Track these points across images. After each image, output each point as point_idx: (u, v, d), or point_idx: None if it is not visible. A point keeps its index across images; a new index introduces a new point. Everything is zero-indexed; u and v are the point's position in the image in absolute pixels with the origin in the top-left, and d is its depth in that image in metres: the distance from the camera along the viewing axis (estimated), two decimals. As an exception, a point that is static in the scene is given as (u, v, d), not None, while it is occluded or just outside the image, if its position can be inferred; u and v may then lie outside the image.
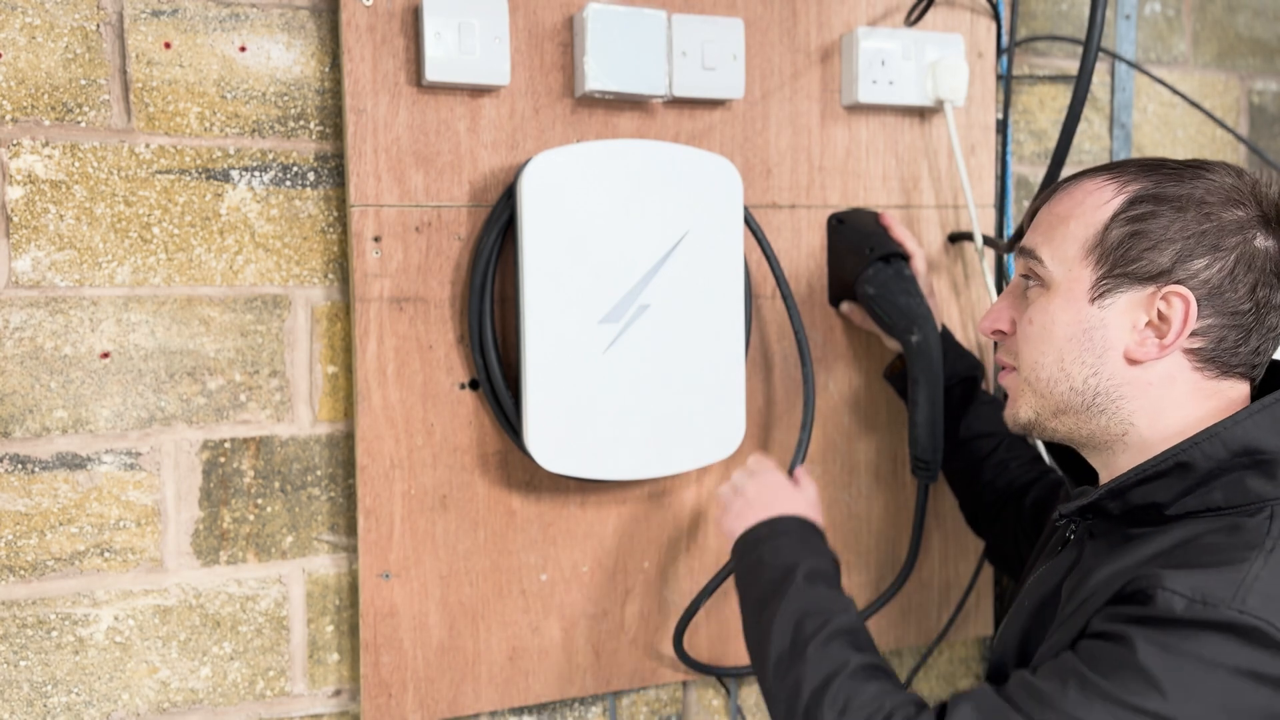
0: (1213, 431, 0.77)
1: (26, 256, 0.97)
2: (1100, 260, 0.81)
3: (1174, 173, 0.81)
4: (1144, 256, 0.79)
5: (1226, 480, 0.77)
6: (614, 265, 1.04)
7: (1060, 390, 0.84)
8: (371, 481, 1.04)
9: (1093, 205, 0.82)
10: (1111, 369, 0.81)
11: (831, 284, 1.21)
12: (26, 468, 0.98)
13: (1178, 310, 0.78)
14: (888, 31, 1.18)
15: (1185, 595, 0.70)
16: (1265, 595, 0.70)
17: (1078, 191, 0.84)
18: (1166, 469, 0.78)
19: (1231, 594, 0.70)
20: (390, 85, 1.02)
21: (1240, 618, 0.69)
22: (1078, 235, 0.82)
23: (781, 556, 0.95)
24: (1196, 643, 0.69)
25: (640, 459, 1.07)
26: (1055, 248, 0.83)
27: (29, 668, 0.99)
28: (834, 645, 0.86)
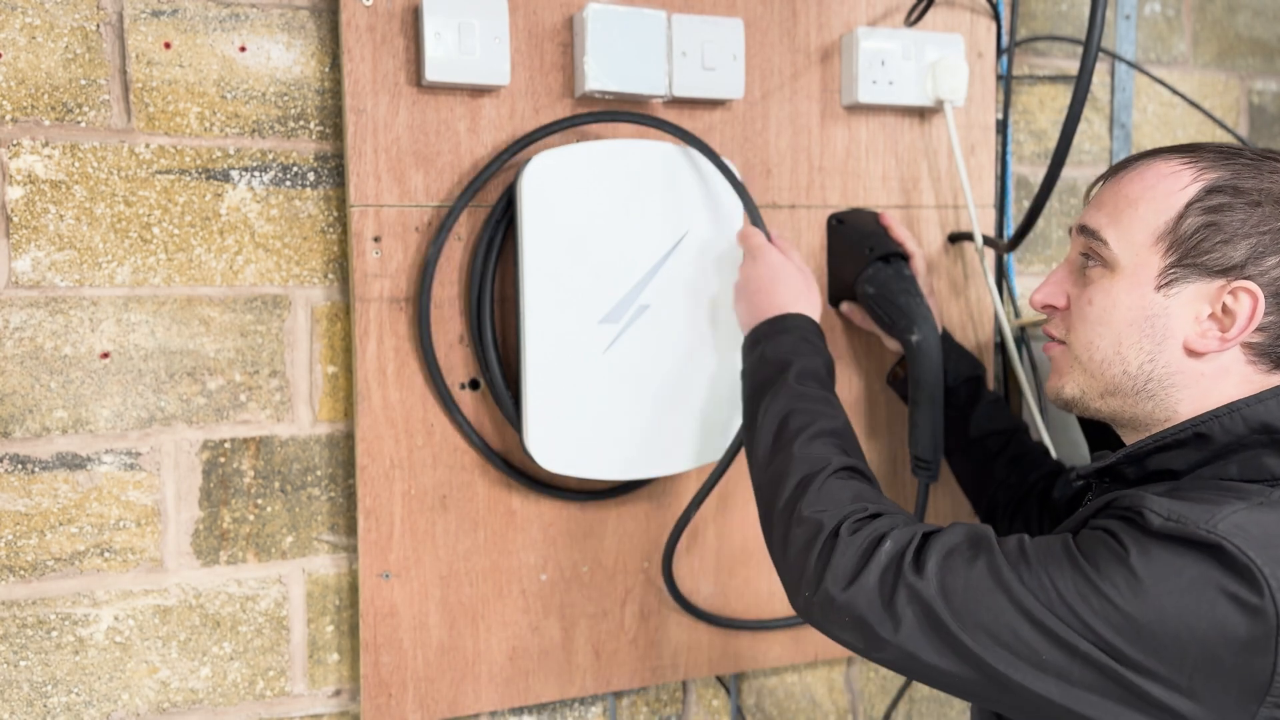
0: (1234, 407, 0.78)
1: (26, 256, 0.97)
2: (1171, 248, 0.80)
3: (1251, 164, 0.80)
4: (1217, 249, 0.79)
5: (1243, 456, 0.78)
6: (614, 265, 1.04)
7: (1113, 373, 0.83)
8: (371, 481, 1.04)
9: (1166, 190, 0.81)
10: (1169, 357, 0.81)
11: (831, 284, 1.21)
12: (26, 468, 0.98)
13: (1245, 306, 0.78)
14: (888, 31, 1.18)
15: (1161, 514, 0.72)
16: (1235, 524, 0.71)
17: (1149, 174, 0.83)
18: (1185, 438, 0.79)
19: (1204, 518, 0.71)
20: (390, 85, 1.02)
21: (1207, 536, 0.70)
22: (1149, 220, 0.81)
23: (779, 352, 0.96)
24: (1169, 553, 0.71)
25: (640, 459, 1.07)
26: (1123, 230, 0.82)
27: (29, 668, 0.99)
28: (817, 444, 0.88)
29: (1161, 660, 0.70)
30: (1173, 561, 0.71)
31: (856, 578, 0.79)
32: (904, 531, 0.80)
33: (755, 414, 0.95)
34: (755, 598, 1.20)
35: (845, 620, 0.79)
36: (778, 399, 0.93)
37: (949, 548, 0.78)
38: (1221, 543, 0.70)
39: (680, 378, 1.08)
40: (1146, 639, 0.70)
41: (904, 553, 0.78)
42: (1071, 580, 0.72)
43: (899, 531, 0.80)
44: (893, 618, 0.77)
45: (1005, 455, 1.15)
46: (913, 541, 0.79)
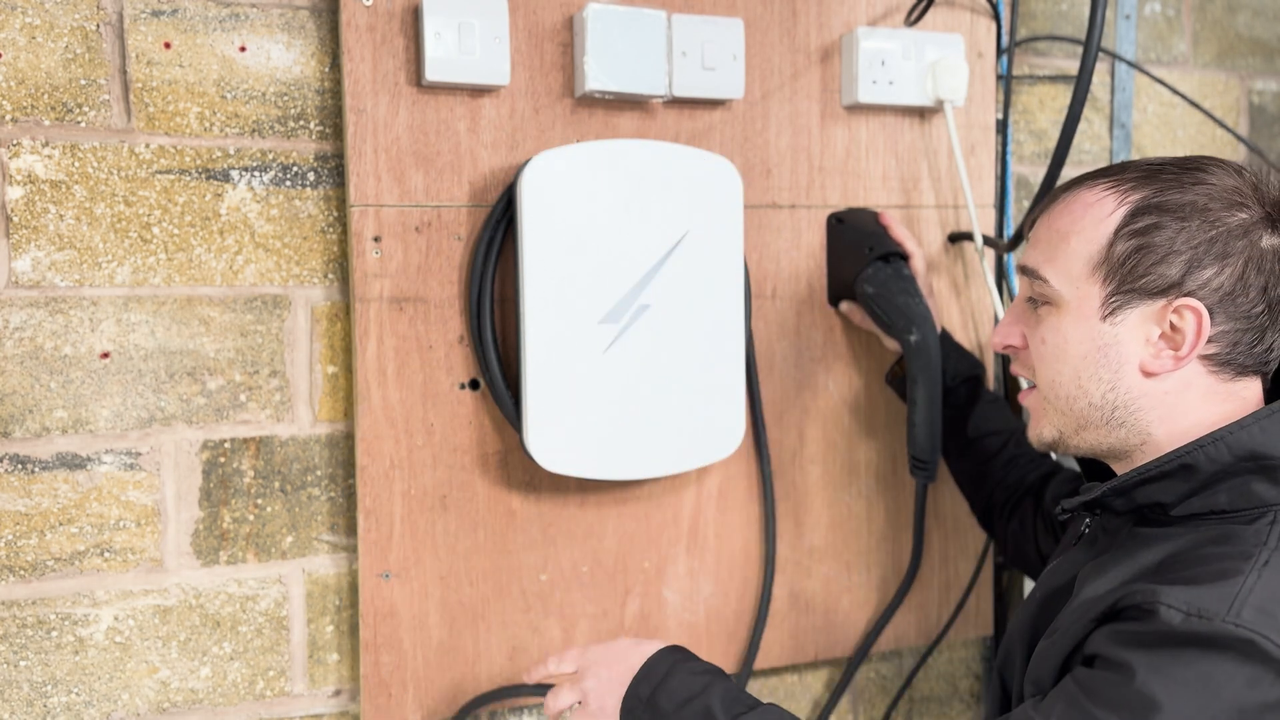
0: (1218, 435, 0.77)
1: (26, 256, 0.97)
2: (1108, 277, 0.80)
3: (1174, 178, 0.80)
4: (1152, 271, 0.78)
5: (1231, 484, 0.77)
6: (614, 265, 1.04)
7: (1080, 406, 0.83)
8: (371, 481, 1.04)
9: (1094, 219, 0.81)
10: (1129, 383, 0.81)
11: (831, 283, 1.21)
12: (26, 468, 0.98)
13: (1190, 323, 0.78)
14: (888, 31, 1.18)
15: (1181, 610, 0.70)
16: (1258, 608, 0.69)
17: (1075, 204, 0.83)
18: (1171, 470, 0.78)
19: (1226, 607, 0.69)
20: (390, 85, 1.02)
21: (1235, 630, 0.68)
22: (1081, 252, 0.81)
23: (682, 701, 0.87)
24: (1193, 658, 0.69)
25: (640, 459, 1.07)
26: (1059, 266, 0.82)
27: (29, 668, 0.99)
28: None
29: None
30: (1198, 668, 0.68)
31: None
32: None
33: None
34: (755, 598, 1.20)
35: None
36: None
37: None
38: (1254, 638, 0.68)
39: (680, 378, 1.08)
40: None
41: None
42: None
43: None
44: None
45: (1003, 455, 1.15)
46: None
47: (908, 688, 1.31)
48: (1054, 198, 0.86)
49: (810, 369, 1.21)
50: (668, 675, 0.89)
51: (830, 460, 1.23)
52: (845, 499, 1.24)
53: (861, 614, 1.26)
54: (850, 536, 1.25)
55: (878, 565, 1.26)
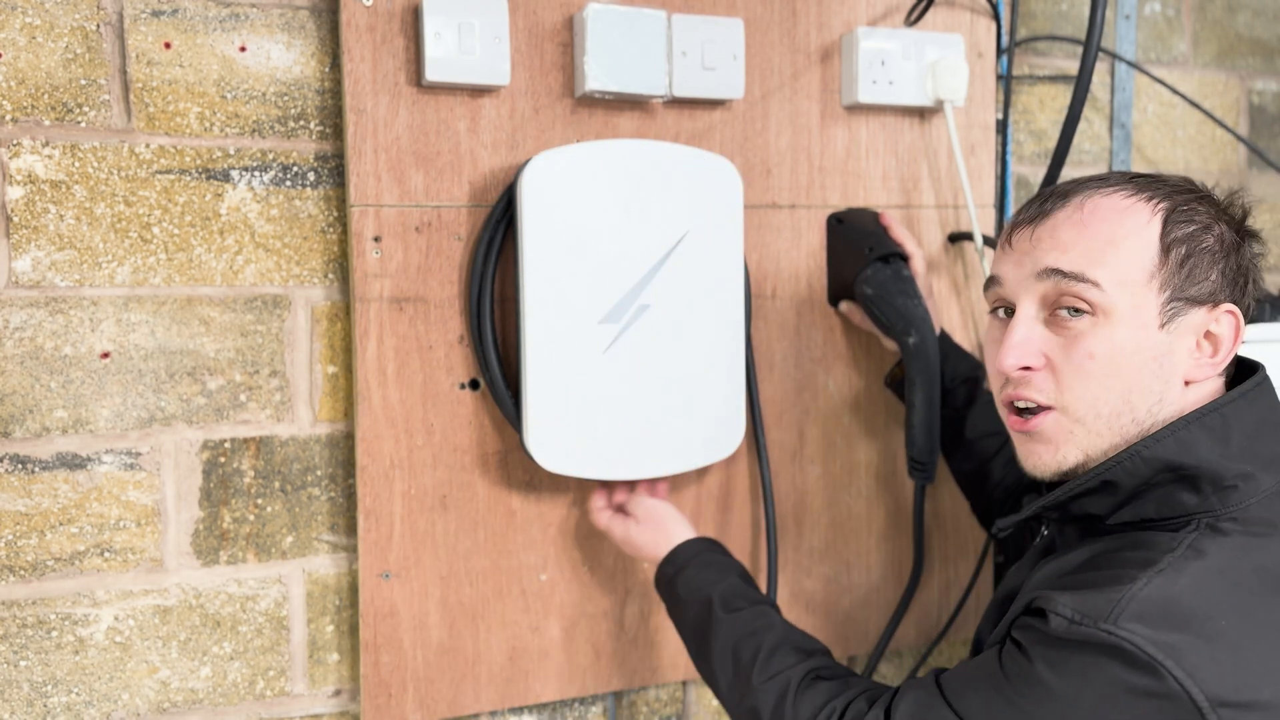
0: (1134, 450, 0.77)
1: (26, 256, 0.97)
2: (1165, 284, 0.77)
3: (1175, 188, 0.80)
4: (1202, 277, 0.78)
5: (1158, 494, 0.77)
6: (614, 265, 1.04)
7: (1122, 424, 0.79)
8: (371, 481, 1.04)
9: (1136, 225, 0.78)
10: (1173, 394, 0.79)
11: (831, 284, 1.21)
12: (26, 468, 0.98)
13: (1228, 328, 0.78)
14: (888, 31, 1.18)
15: (1065, 616, 0.72)
16: (1137, 614, 0.70)
17: (1105, 209, 0.79)
18: (1094, 486, 0.78)
19: (1106, 613, 0.71)
20: (390, 85, 1.02)
21: (1108, 638, 0.70)
22: (1136, 258, 0.77)
23: (691, 590, 0.98)
24: (1075, 659, 0.72)
25: (640, 459, 1.07)
26: (1112, 271, 0.77)
27: (29, 668, 0.99)
28: (774, 662, 0.89)
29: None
30: (1081, 669, 0.71)
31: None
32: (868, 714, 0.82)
33: (707, 658, 0.95)
34: (755, 598, 1.20)
35: None
36: (718, 637, 0.93)
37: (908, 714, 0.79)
38: (1120, 644, 0.69)
39: (680, 378, 1.08)
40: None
41: None
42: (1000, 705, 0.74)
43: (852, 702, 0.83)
44: None
45: (1002, 456, 1.15)
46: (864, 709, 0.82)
47: (908, 688, 1.31)
48: (1056, 203, 0.81)
49: (810, 369, 1.21)
50: (687, 565, 1.00)
51: (830, 460, 1.23)
52: (845, 499, 1.24)
53: (862, 614, 1.26)
54: (850, 536, 1.25)
55: (878, 565, 1.26)
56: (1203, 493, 0.76)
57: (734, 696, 0.91)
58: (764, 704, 0.87)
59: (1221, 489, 0.76)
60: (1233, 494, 0.76)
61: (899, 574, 1.27)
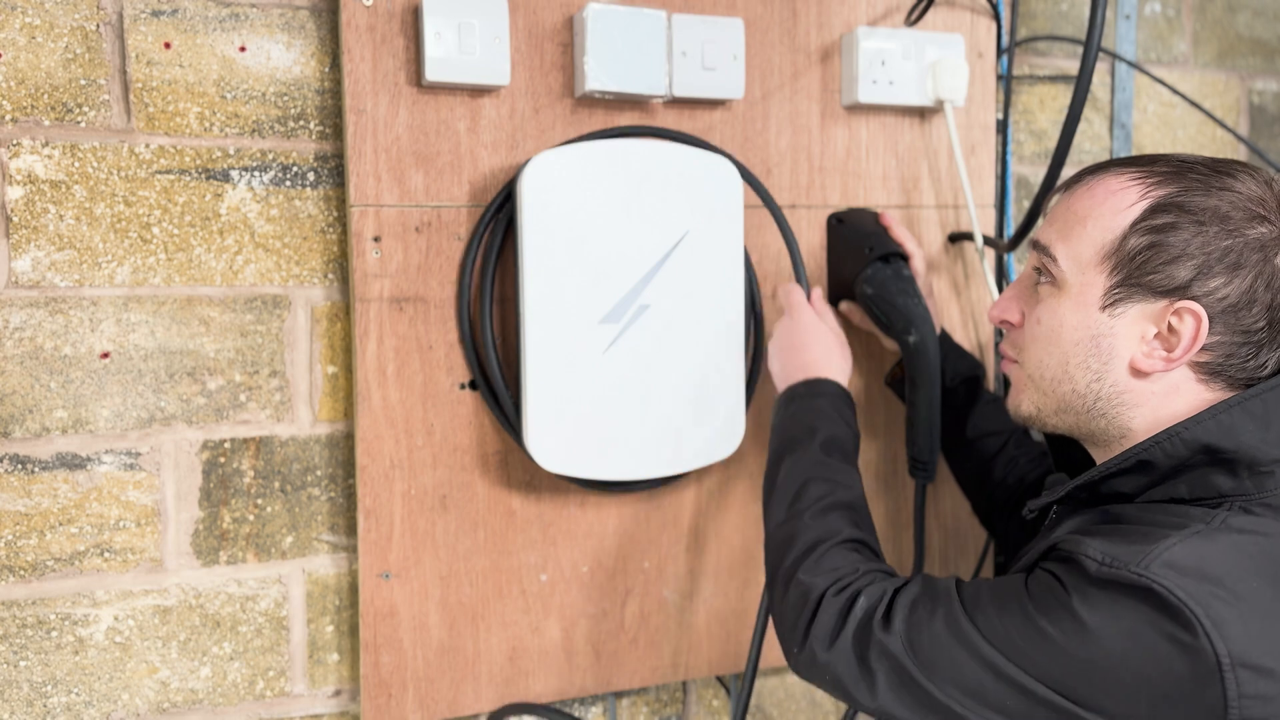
0: (1174, 431, 0.78)
1: (26, 256, 0.97)
2: (1116, 268, 0.80)
3: (1201, 180, 0.79)
4: (1161, 270, 0.78)
5: (1191, 476, 0.78)
6: (614, 265, 1.04)
7: (1063, 391, 0.84)
8: (371, 481, 1.04)
9: (1113, 208, 0.80)
10: (1115, 376, 0.81)
11: (830, 283, 1.21)
12: (26, 468, 0.98)
13: (1188, 327, 0.78)
14: (888, 31, 1.18)
15: (1096, 559, 0.73)
16: (1167, 564, 0.71)
17: (1099, 189, 0.82)
18: (1129, 466, 0.79)
19: (1137, 559, 0.71)
20: (390, 85, 1.02)
21: (1139, 579, 0.70)
22: (1095, 238, 0.81)
23: (808, 417, 0.98)
24: (1107, 598, 0.72)
25: (640, 459, 1.07)
26: (1070, 248, 0.82)
27: (29, 668, 0.99)
28: (831, 516, 0.91)
29: (1116, 701, 0.71)
30: (1112, 607, 0.72)
31: (836, 638, 0.82)
32: (875, 588, 0.83)
33: (776, 473, 0.97)
34: (756, 598, 1.20)
35: (827, 679, 0.83)
36: (800, 463, 0.95)
37: (911, 601, 0.80)
38: (1153, 586, 0.70)
39: (680, 378, 1.08)
40: (1098, 681, 0.71)
41: (875, 609, 0.81)
42: (1024, 626, 0.74)
43: (872, 588, 0.83)
44: (867, 676, 0.80)
45: (1003, 455, 1.15)
46: (883, 598, 0.82)
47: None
48: (1079, 178, 0.85)
49: (810, 369, 1.21)
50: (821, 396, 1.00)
51: (830, 460, 1.23)
52: (845, 499, 1.24)
53: (861, 614, 1.26)
54: (850, 536, 1.25)
55: (878, 565, 1.26)
56: (1239, 476, 0.77)
57: (779, 521, 0.93)
58: (800, 539, 0.89)
59: (1258, 474, 0.76)
60: (1269, 480, 0.77)
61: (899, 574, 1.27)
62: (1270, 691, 0.69)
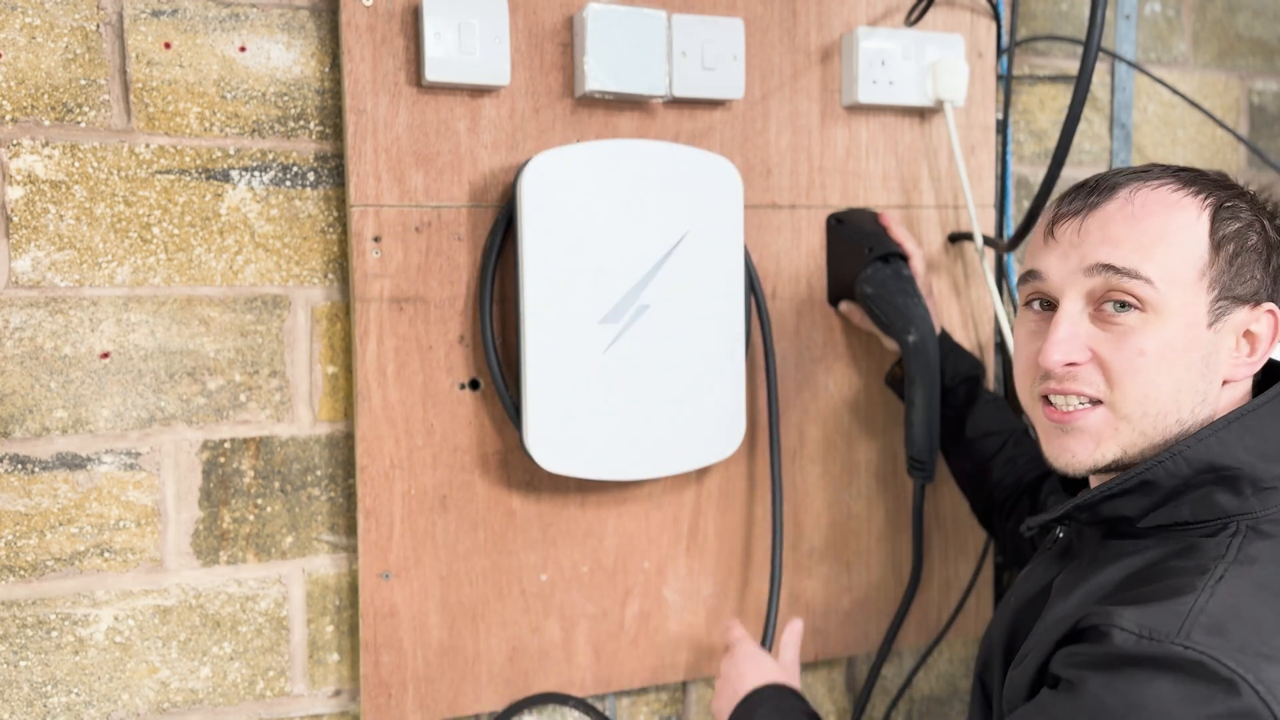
0: (1176, 450, 0.75)
1: (26, 256, 0.97)
2: (1214, 282, 0.76)
3: (1217, 183, 0.79)
4: (1247, 277, 0.77)
5: (1194, 496, 0.76)
6: (614, 265, 1.04)
7: (1168, 423, 0.77)
8: (371, 481, 1.04)
9: (1185, 221, 0.76)
10: (1216, 393, 0.78)
11: (830, 283, 1.21)
12: (26, 468, 0.98)
13: (1267, 327, 0.77)
14: (888, 31, 1.18)
15: (1133, 632, 0.68)
16: (1208, 628, 0.67)
17: (1154, 203, 0.77)
18: (1132, 486, 0.76)
19: (1176, 628, 0.67)
20: (390, 85, 1.02)
21: (1184, 653, 0.66)
22: (1183, 255, 0.76)
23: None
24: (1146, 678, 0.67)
25: (640, 459, 1.07)
26: (1163, 267, 0.75)
27: (29, 668, 0.99)
28: None
29: None
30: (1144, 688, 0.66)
31: None
32: None
33: None
34: (756, 598, 1.20)
35: None
36: None
37: None
38: (1203, 659, 0.66)
39: (680, 378, 1.08)
40: None
41: None
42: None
43: None
44: None
45: (1002, 455, 1.15)
46: None
47: (908, 688, 1.31)
48: (1104, 195, 0.78)
49: (810, 369, 1.21)
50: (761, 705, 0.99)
51: (830, 460, 1.23)
52: (845, 499, 1.24)
53: (861, 614, 1.26)
54: (850, 536, 1.25)
55: (878, 565, 1.26)
56: (1243, 494, 0.75)
57: None
58: None
59: (1261, 490, 0.75)
60: (1273, 495, 0.75)
61: (899, 574, 1.27)
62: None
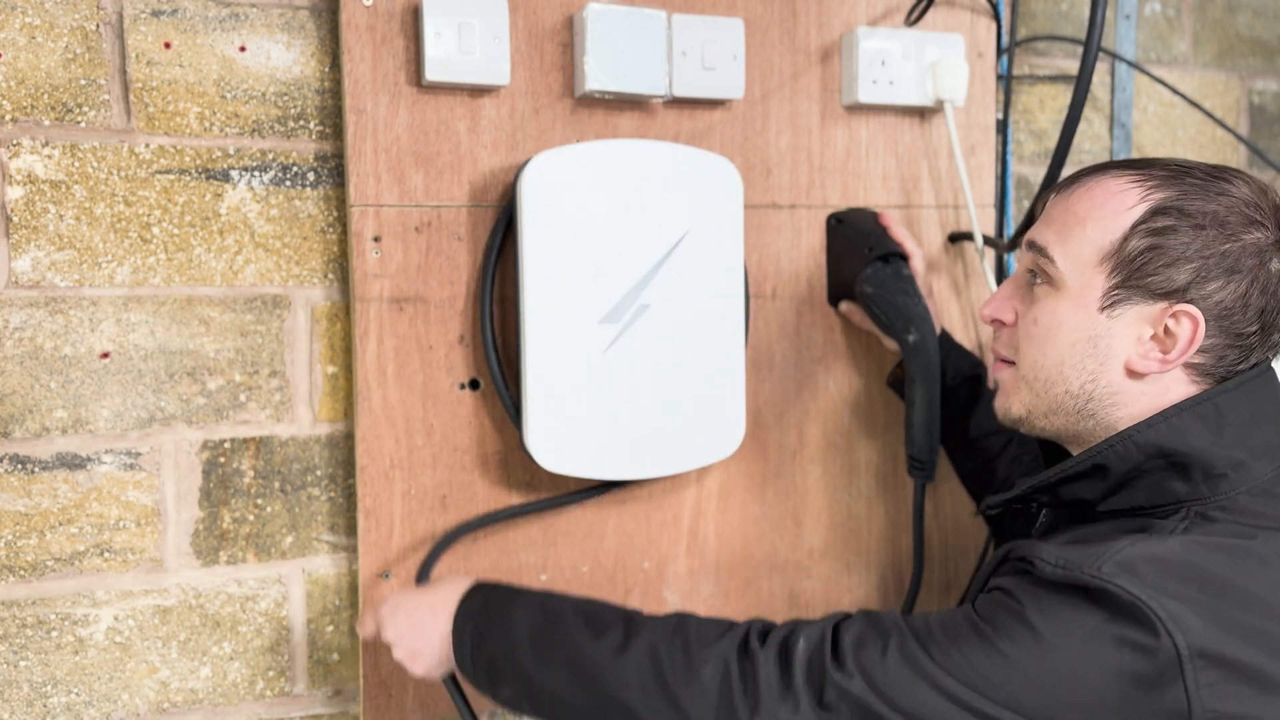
0: (1126, 434, 0.79)
1: (26, 256, 0.97)
2: (1115, 269, 0.80)
3: (1199, 184, 0.80)
4: (1160, 272, 0.78)
5: (1148, 481, 0.79)
6: (614, 265, 1.04)
7: (1056, 392, 0.84)
8: (371, 482, 1.04)
9: (1114, 210, 0.81)
10: (1110, 377, 0.82)
11: (830, 283, 1.21)
12: (26, 468, 0.98)
13: (1185, 329, 0.78)
14: (888, 31, 1.18)
15: (1050, 562, 0.74)
16: (1120, 563, 0.72)
17: (1099, 190, 0.82)
18: (1085, 470, 0.80)
19: (1090, 562, 0.72)
20: (390, 85, 1.02)
21: (1092, 580, 0.71)
22: (1095, 240, 0.81)
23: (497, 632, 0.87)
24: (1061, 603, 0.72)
25: (640, 459, 1.07)
26: (1070, 249, 0.82)
27: (29, 668, 0.99)
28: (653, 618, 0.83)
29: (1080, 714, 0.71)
30: (1068, 613, 0.72)
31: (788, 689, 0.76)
32: (809, 629, 0.79)
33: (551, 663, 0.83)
34: (756, 598, 1.20)
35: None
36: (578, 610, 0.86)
37: (857, 638, 0.77)
38: (1106, 586, 0.71)
39: (680, 378, 1.08)
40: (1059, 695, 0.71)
41: (820, 650, 0.77)
42: (980, 651, 0.73)
43: (804, 630, 0.78)
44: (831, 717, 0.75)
45: (1007, 454, 1.15)
46: (824, 638, 0.78)
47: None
48: (1076, 179, 0.85)
49: (810, 369, 1.21)
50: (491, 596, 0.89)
51: (830, 460, 1.23)
52: (845, 499, 1.24)
53: (861, 614, 1.26)
54: (850, 536, 1.25)
55: (878, 565, 1.26)
56: (1193, 480, 0.77)
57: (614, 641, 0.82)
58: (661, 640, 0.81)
59: (1212, 477, 0.77)
60: (1223, 482, 0.77)
61: (899, 574, 1.27)
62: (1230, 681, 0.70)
